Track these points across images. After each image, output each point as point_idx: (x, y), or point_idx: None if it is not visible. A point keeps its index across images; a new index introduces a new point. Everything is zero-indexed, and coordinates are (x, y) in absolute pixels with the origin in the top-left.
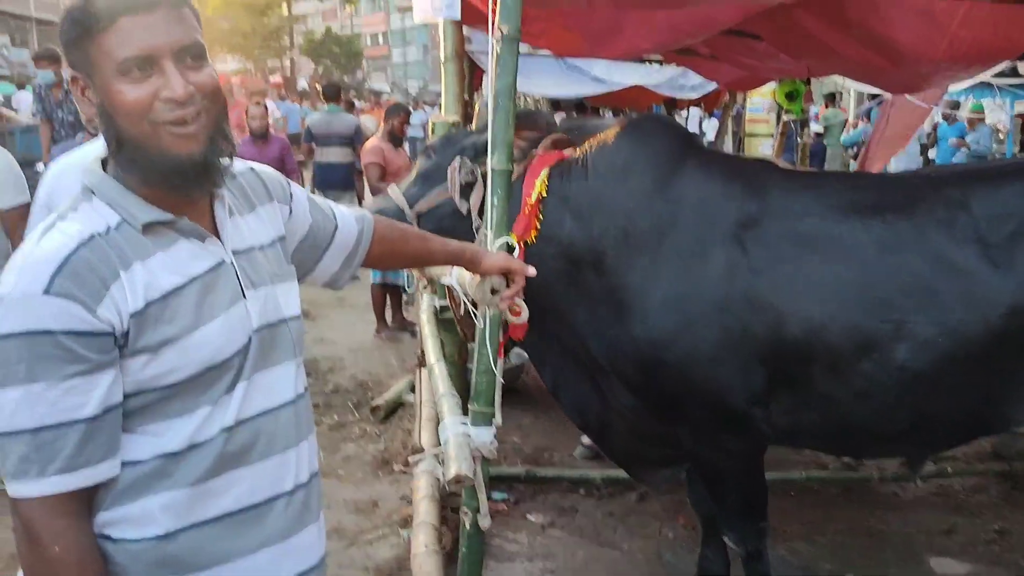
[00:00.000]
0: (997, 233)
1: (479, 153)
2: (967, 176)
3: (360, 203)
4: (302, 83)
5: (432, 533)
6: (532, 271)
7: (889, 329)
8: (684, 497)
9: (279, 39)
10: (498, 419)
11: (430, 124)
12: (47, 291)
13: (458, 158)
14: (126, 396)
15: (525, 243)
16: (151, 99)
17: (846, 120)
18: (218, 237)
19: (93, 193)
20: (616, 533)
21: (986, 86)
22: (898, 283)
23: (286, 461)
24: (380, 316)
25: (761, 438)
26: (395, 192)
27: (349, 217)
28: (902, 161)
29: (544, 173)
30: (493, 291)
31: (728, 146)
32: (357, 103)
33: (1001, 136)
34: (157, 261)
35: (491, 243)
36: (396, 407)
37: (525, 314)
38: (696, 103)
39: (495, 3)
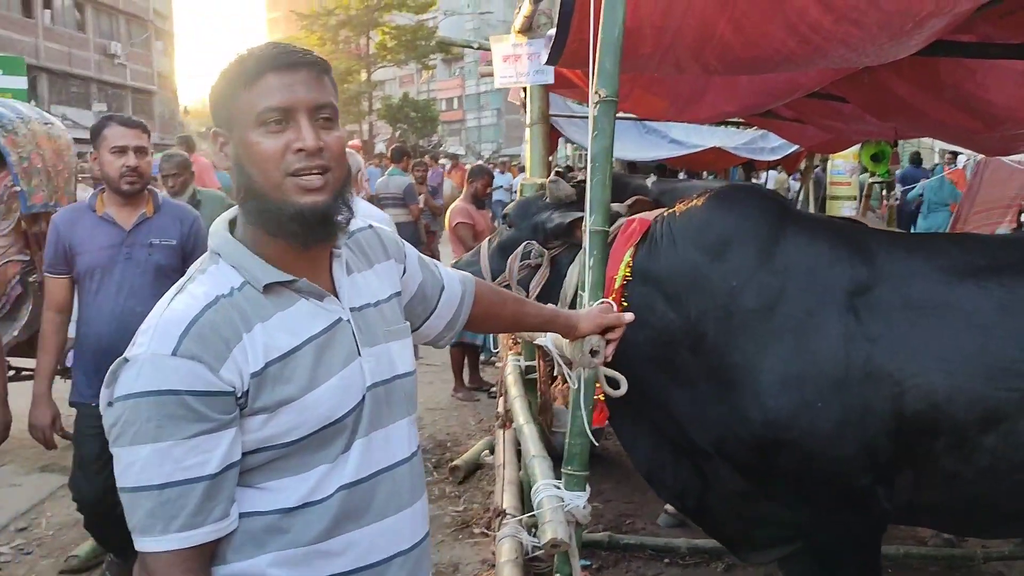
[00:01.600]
0: None
1: (547, 233)
2: None
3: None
4: (380, 146)
5: None
6: (630, 317)
7: (1016, 398)
8: (772, 569)
9: (358, 104)
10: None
11: (519, 186)
12: (175, 352)
13: (522, 247)
14: (245, 453)
15: None
16: (284, 149)
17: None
18: (336, 295)
19: (220, 255)
20: None
21: None
22: (1022, 349)
23: (402, 520)
24: (458, 375)
25: (884, 517)
26: (484, 260)
27: (454, 277)
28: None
29: (628, 255)
30: (593, 352)
31: (810, 208)
32: (442, 162)
33: None
34: (277, 321)
35: (587, 305)
36: (475, 468)
37: (624, 386)
38: (775, 165)
39: (594, 67)
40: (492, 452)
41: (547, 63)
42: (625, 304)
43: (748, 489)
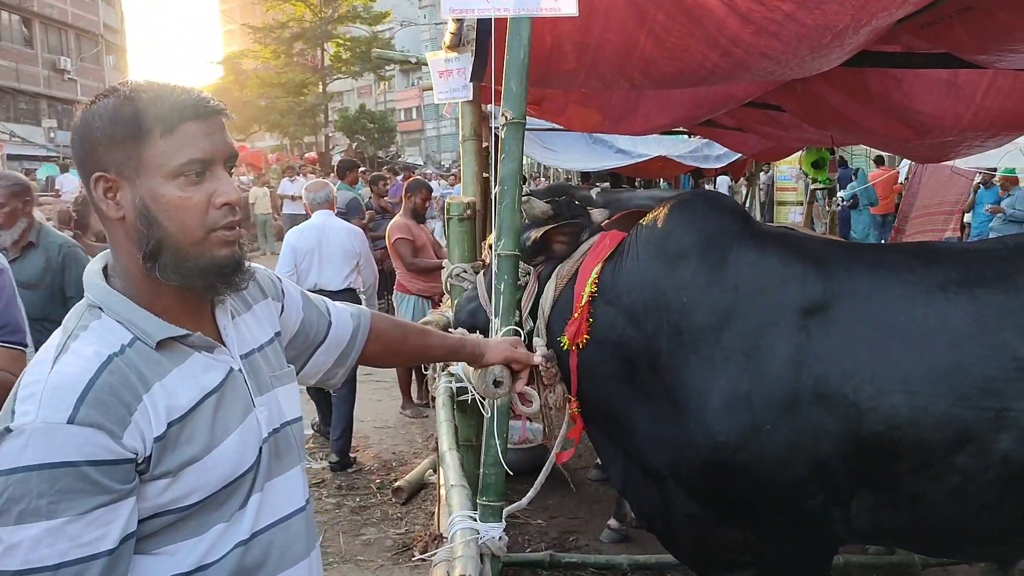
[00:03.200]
0: None
1: (527, 251)
2: None
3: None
4: (336, 159)
5: None
6: (537, 359)
7: (990, 418)
8: None
9: (315, 116)
10: (524, 503)
11: (446, 204)
12: (71, 420)
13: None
14: (142, 520)
15: (578, 346)
16: (206, 204)
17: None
18: (223, 344)
19: (101, 309)
20: None
21: (1018, 151)
22: (996, 366)
23: (298, 572)
24: (406, 392)
25: (836, 540)
26: (482, 291)
27: (344, 313)
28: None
29: (595, 272)
30: (497, 383)
31: (756, 214)
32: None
33: None
34: (173, 379)
35: (496, 331)
36: (419, 488)
37: (536, 404)
38: (722, 172)
39: (499, 89)
40: (435, 472)
41: (470, 79)
42: (590, 321)
43: (703, 513)
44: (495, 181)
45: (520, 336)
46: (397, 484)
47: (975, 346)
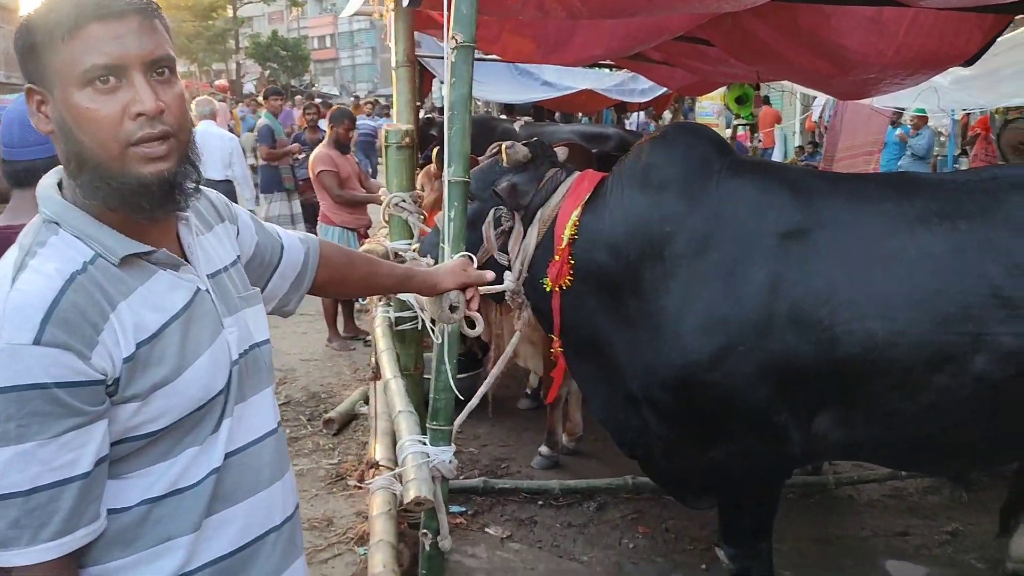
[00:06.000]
0: None
1: (501, 195)
2: None
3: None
4: (248, 86)
5: (390, 552)
6: (490, 275)
7: (967, 341)
8: (643, 506)
9: (224, 42)
10: (458, 422)
11: (383, 132)
12: (37, 341)
13: (491, 214)
14: (111, 444)
15: (560, 287)
16: (120, 114)
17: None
18: (188, 262)
19: (58, 225)
20: (575, 544)
21: (932, 91)
22: (975, 294)
23: (272, 495)
24: (332, 325)
25: (796, 459)
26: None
27: (294, 238)
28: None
29: (575, 215)
30: (452, 308)
31: None
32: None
33: (943, 139)
34: (139, 298)
35: (448, 257)
36: (350, 419)
37: (480, 326)
38: (645, 107)
39: (449, 11)
40: (367, 403)
41: (408, 5)
42: (572, 261)
43: (675, 435)
44: (436, 108)
45: (473, 259)
46: (328, 416)
47: (954, 275)
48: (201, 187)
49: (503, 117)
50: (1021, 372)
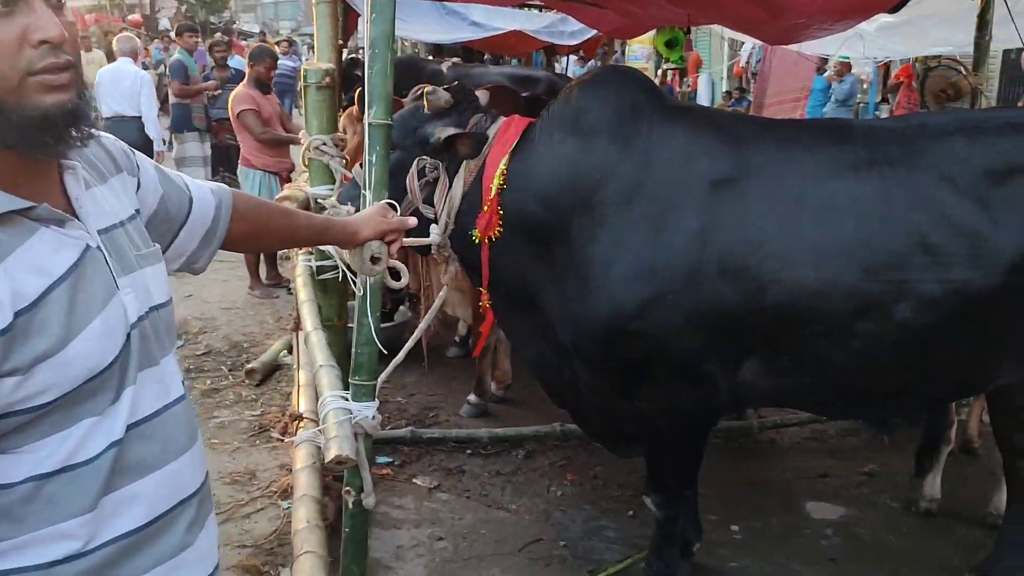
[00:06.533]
0: (997, 188)
1: (437, 145)
2: (965, 128)
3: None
4: (164, 22)
5: (314, 507)
6: (412, 221)
7: (894, 289)
8: (571, 454)
9: None
10: (384, 376)
11: (301, 71)
12: None
13: (415, 164)
14: None
15: (489, 239)
16: (19, 42)
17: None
18: (77, 217)
19: None
20: (504, 493)
21: (858, 38)
22: (901, 241)
23: (182, 465)
24: (254, 272)
25: (723, 407)
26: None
27: (204, 190)
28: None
29: (503, 163)
30: (374, 259)
31: None
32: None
33: (865, 86)
34: (17, 261)
35: (369, 205)
36: (273, 370)
37: (405, 277)
38: (575, 50)
39: None
40: (291, 352)
41: None
42: (501, 211)
43: (603, 385)
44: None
45: (395, 206)
46: (250, 366)
47: (881, 223)
48: (95, 133)
49: (431, 58)
50: (943, 319)
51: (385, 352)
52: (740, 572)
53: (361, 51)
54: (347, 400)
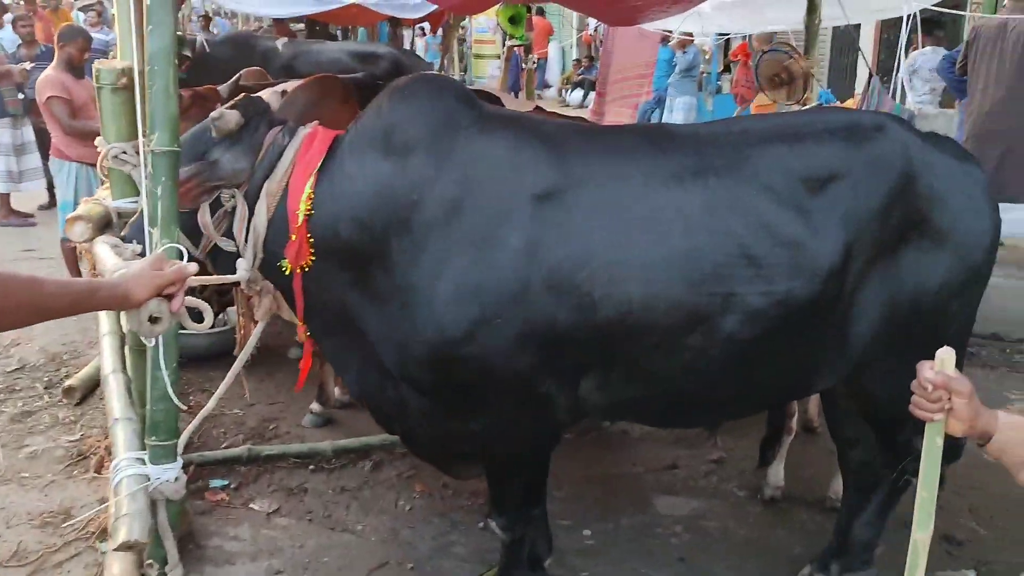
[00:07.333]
0: (815, 196)
1: (229, 171)
2: (785, 135)
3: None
4: None
5: (132, 561)
6: (192, 268)
7: (718, 302)
8: (420, 463)
9: None
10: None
11: (95, 71)
12: None
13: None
14: None
15: (302, 268)
16: None
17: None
18: None
19: None
20: (349, 512)
21: (697, 15)
22: (725, 253)
23: None
24: (74, 271)
25: (560, 424)
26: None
27: None
28: None
29: (309, 185)
30: (153, 319)
31: (455, 69)
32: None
33: (707, 56)
34: None
35: (156, 244)
36: (95, 386)
37: (209, 318)
38: (422, 21)
39: None
40: None
41: None
42: (311, 239)
43: (434, 408)
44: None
45: (182, 252)
46: (68, 383)
47: (706, 234)
48: None
49: (268, 36)
50: (767, 330)
51: (184, 409)
52: None
53: (191, 24)
54: (144, 464)
